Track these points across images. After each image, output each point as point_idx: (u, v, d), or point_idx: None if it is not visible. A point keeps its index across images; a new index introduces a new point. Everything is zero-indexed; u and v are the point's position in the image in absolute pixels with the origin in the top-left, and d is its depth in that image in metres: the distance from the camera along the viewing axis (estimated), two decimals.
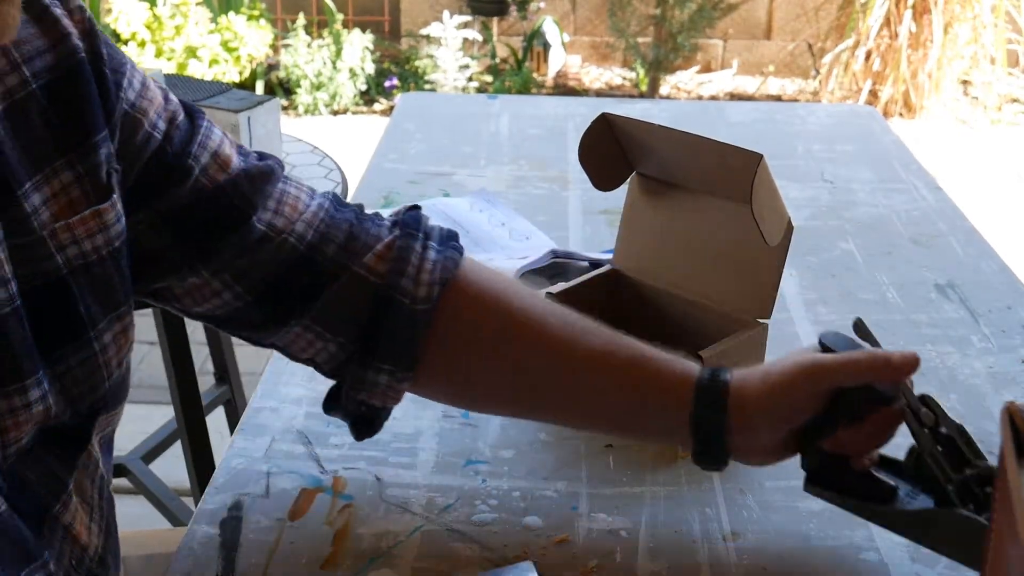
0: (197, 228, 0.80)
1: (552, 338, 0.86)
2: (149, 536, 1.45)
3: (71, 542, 0.75)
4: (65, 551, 0.74)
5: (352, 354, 0.85)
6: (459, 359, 0.87)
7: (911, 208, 1.52)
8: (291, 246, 0.82)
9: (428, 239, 0.87)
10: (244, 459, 0.95)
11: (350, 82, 4.69)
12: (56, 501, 0.74)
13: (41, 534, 0.72)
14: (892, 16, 4.71)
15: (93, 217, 0.73)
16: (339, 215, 0.85)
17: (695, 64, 5.20)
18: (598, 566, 0.84)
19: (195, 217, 0.80)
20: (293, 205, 0.83)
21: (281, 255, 0.82)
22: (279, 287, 0.83)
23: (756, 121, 1.89)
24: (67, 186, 0.71)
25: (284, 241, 0.82)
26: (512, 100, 2.10)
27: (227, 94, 1.81)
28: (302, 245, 0.83)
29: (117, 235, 0.75)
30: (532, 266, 1.25)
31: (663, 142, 1.01)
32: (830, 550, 0.86)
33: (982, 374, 1.11)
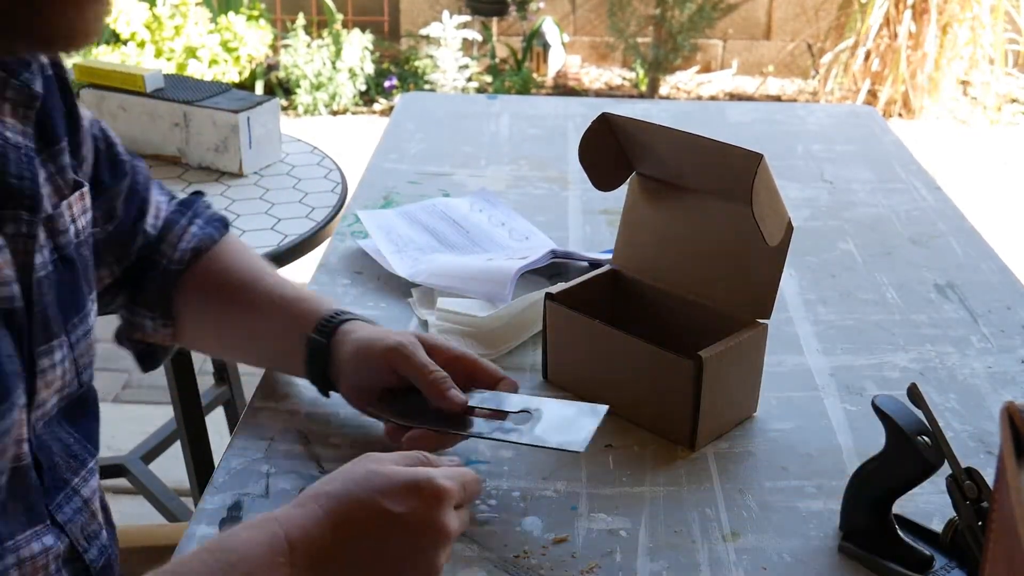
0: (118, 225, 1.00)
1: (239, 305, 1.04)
2: (149, 531, 1.45)
3: (89, 516, 0.84)
4: (78, 522, 0.82)
5: (127, 300, 1.04)
6: (202, 315, 1.05)
7: (911, 208, 1.52)
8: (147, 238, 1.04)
9: (195, 217, 1.07)
10: (244, 459, 0.95)
11: (350, 82, 4.69)
12: (75, 476, 0.83)
13: (59, 503, 0.81)
14: (891, 16, 4.71)
15: (80, 199, 0.86)
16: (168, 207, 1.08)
17: (695, 64, 5.20)
18: (598, 566, 0.84)
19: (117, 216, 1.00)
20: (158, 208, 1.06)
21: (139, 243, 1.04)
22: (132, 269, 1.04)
23: (756, 121, 1.89)
24: (49, 177, 0.83)
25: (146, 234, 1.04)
26: (512, 100, 2.10)
27: (227, 94, 1.81)
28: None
29: (90, 220, 0.88)
30: (532, 266, 1.25)
31: (663, 142, 1.01)
32: (830, 550, 0.87)
33: (982, 374, 1.11)
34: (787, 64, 5.23)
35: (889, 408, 0.82)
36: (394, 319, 1.19)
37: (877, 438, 0.83)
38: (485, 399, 0.93)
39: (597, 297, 1.08)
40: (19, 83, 0.78)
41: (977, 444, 1.00)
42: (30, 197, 0.77)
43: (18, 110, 0.79)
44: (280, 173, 1.85)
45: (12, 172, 0.76)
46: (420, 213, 1.42)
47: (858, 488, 0.86)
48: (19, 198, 0.76)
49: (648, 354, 0.97)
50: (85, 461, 0.86)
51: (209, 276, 1.04)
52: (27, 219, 0.76)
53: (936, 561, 0.83)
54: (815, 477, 0.95)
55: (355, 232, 1.38)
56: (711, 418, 0.98)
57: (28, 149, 0.78)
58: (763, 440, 1.00)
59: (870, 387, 1.08)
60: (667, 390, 0.97)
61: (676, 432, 0.98)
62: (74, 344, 0.83)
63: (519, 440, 0.90)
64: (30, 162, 0.78)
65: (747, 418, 1.03)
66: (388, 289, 1.25)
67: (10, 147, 0.77)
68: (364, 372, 0.95)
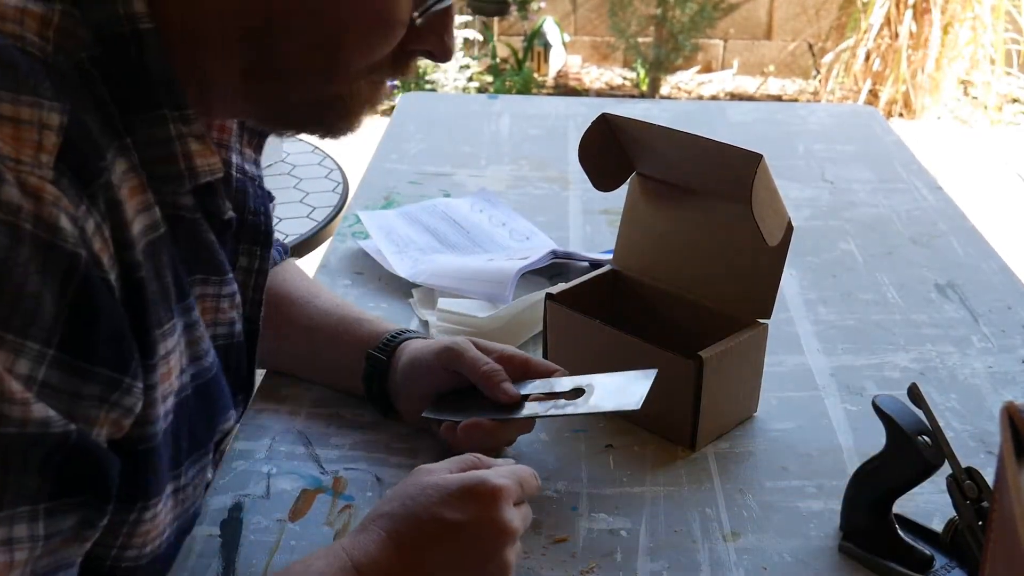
0: None
1: (297, 323, 1.04)
2: None
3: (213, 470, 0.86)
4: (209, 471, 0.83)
5: None
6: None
7: (911, 208, 1.52)
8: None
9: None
10: (244, 460, 0.95)
11: None
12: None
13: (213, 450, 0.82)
14: (892, 16, 4.70)
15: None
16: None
17: (695, 64, 5.20)
18: (598, 566, 0.84)
19: None
20: None
21: None
22: None
23: (756, 121, 1.89)
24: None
25: None
26: (512, 100, 2.10)
27: None
28: None
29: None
30: (532, 266, 1.25)
31: (663, 142, 1.01)
32: (830, 550, 0.87)
33: (982, 374, 1.11)
34: (788, 64, 5.23)
35: (889, 408, 0.82)
36: (395, 319, 1.19)
37: (877, 438, 0.83)
38: (536, 386, 0.94)
39: (597, 297, 1.08)
40: None
41: (977, 444, 1.00)
42: (265, 232, 0.80)
43: (253, 139, 0.82)
44: (281, 173, 1.85)
45: (251, 208, 0.79)
46: (420, 213, 1.42)
47: (858, 488, 0.86)
48: (256, 233, 0.80)
49: (648, 354, 0.97)
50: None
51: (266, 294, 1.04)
52: (259, 253, 0.80)
53: (936, 561, 0.83)
54: (815, 477, 0.95)
55: (356, 232, 1.38)
56: (711, 418, 0.98)
57: (261, 181, 0.81)
58: (763, 440, 1.00)
59: (870, 387, 1.08)
60: (667, 390, 0.97)
61: (676, 432, 0.98)
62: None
63: (576, 412, 0.91)
64: (263, 195, 0.81)
65: (747, 418, 1.03)
66: (389, 289, 1.25)
67: (248, 180, 0.80)
68: (418, 378, 0.96)
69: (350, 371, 1.01)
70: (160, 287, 0.66)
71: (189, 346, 0.71)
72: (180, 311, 0.69)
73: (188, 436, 0.72)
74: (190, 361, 0.71)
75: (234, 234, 0.78)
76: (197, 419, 0.73)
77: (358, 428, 1.00)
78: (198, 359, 0.72)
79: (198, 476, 0.76)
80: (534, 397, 0.94)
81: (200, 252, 0.73)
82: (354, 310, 1.06)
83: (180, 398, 0.70)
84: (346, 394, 1.04)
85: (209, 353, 0.73)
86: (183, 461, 0.73)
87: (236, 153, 0.79)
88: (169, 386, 0.68)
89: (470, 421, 0.91)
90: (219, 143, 0.77)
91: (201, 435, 0.75)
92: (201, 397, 0.73)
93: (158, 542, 0.72)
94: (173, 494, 0.72)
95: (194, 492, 0.76)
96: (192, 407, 0.72)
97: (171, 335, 0.68)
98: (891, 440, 0.82)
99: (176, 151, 0.67)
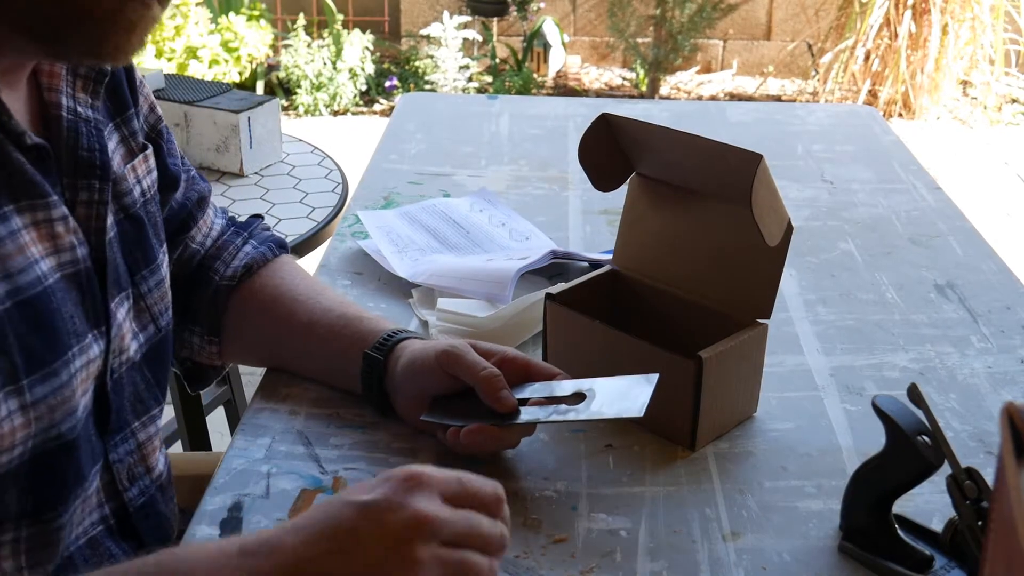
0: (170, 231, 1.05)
1: (297, 319, 1.06)
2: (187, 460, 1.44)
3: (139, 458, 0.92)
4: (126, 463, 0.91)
5: (177, 317, 1.05)
6: (254, 329, 1.08)
7: (911, 208, 1.52)
8: (193, 255, 1.09)
9: (250, 238, 1.12)
10: (244, 460, 0.95)
11: (350, 82, 4.69)
12: (137, 420, 0.92)
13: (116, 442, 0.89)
14: (892, 16, 4.71)
15: (144, 161, 0.95)
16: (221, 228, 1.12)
17: (695, 64, 5.20)
18: (598, 566, 0.84)
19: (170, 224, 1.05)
20: (210, 227, 1.11)
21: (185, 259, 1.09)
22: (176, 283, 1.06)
23: (756, 121, 1.89)
24: (120, 141, 0.93)
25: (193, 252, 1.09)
26: (512, 100, 2.10)
27: (227, 94, 1.81)
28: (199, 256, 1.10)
29: (155, 180, 0.98)
30: (532, 266, 1.25)
31: (663, 142, 1.02)
32: (830, 550, 0.87)
33: (981, 374, 1.11)
34: (787, 64, 5.23)
35: (889, 408, 0.82)
36: (394, 319, 1.19)
37: (877, 438, 0.83)
38: (536, 389, 0.94)
39: (597, 297, 1.08)
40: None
41: (977, 444, 1.00)
42: (100, 167, 0.85)
43: (88, 85, 0.88)
44: (281, 173, 1.85)
45: (84, 145, 0.85)
46: (420, 213, 1.42)
47: (858, 488, 0.86)
48: (91, 168, 0.85)
49: (648, 354, 0.97)
50: (150, 407, 0.94)
51: (262, 291, 1.07)
52: (99, 187, 0.85)
53: (936, 561, 0.83)
54: (815, 477, 0.95)
55: (356, 233, 1.38)
56: (711, 418, 0.98)
57: (97, 122, 0.88)
58: (763, 440, 1.00)
59: (870, 387, 1.08)
60: (667, 390, 0.97)
61: (676, 432, 0.98)
62: (146, 294, 0.93)
63: (577, 418, 0.90)
64: (99, 134, 0.87)
65: (747, 418, 1.03)
66: (388, 290, 1.25)
67: (82, 121, 0.86)
68: (417, 380, 0.96)
69: (348, 369, 1.01)
70: None
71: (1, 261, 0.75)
72: None
73: (21, 353, 0.75)
74: (3, 276, 0.75)
75: (68, 170, 0.84)
76: (30, 336, 0.76)
77: (358, 428, 1.00)
78: (10, 275, 0.75)
79: (53, 397, 0.77)
80: (534, 401, 0.94)
81: (14, 176, 0.77)
82: (354, 308, 1.07)
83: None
84: (346, 393, 1.04)
85: (31, 270, 0.77)
86: (22, 377, 0.75)
87: (67, 96, 0.86)
88: None
89: (473, 427, 0.91)
90: (48, 87, 0.84)
91: (41, 354, 0.77)
92: (26, 314, 0.76)
93: (4, 458, 0.74)
94: (21, 410, 0.75)
95: (52, 414, 0.78)
96: (16, 323, 0.75)
97: None
98: (891, 440, 0.82)
99: None
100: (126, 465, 0.91)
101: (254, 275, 1.09)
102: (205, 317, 1.07)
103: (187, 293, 1.07)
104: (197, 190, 1.09)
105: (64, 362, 0.79)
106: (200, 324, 1.08)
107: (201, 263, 1.09)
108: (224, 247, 1.10)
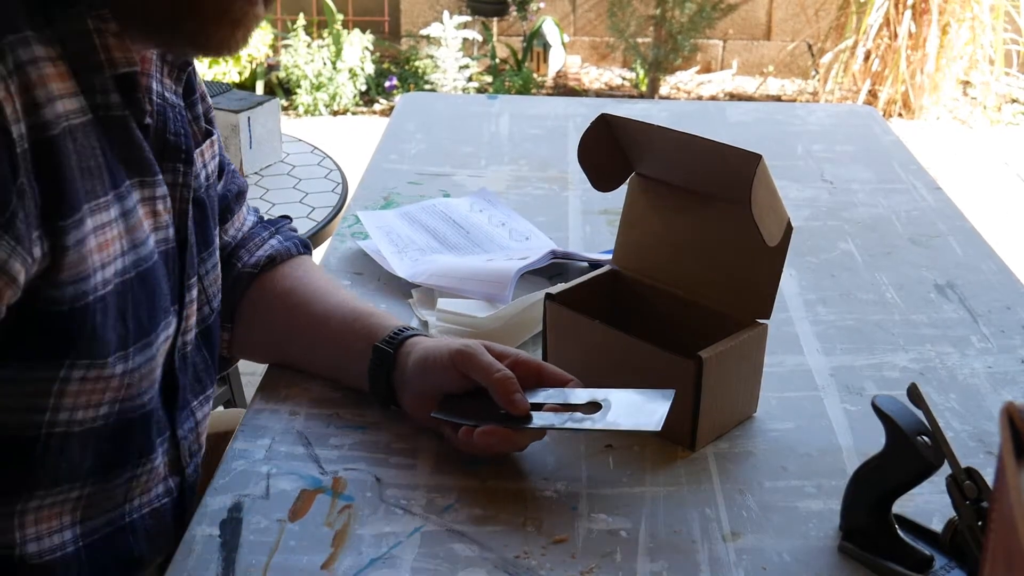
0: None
1: (312, 311, 1.07)
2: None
3: (195, 436, 0.96)
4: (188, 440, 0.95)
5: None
6: (265, 321, 1.09)
7: (910, 208, 1.52)
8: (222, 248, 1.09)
9: (276, 233, 1.14)
10: (244, 460, 0.95)
11: (350, 82, 4.69)
12: (195, 399, 0.97)
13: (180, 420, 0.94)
14: (891, 16, 4.71)
15: (210, 146, 0.99)
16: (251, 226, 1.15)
17: (695, 64, 5.20)
18: (598, 566, 0.84)
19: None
20: (242, 222, 1.13)
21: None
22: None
23: (756, 121, 1.89)
24: (189, 122, 0.94)
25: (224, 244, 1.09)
26: (512, 100, 2.10)
27: (227, 94, 1.81)
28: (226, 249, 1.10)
29: (216, 167, 1.01)
30: (532, 266, 1.25)
31: (663, 143, 1.02)
32: (830, 550, 0.87)
33: (981, 374, 1.11)
34: (787, 64, 5.23)
35: (889, 408, 0.82)
36: None
37: (877, 438, 0.83)
38: (551, 395, 0.94)
39: (597, 297, 1.08)
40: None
41: (977, 444, 1.00)
42: (186, 151, 0.89)
43: (174, 72, 0.92)
44: (280, 173, 1.85)
45: (171, 130, 0.89)
46: (420, 213, 1.42)
47: (858, 488, 0.86)
48: (177, 152, 0.89)
49: (648, 354, 0.97)
50: (206, 386, 0.99)
51: (281, 282, 1.09)
52: (183, 170, 0.89)
53: (936, 561, 0.83)
54: (815, 477, 0.95)
55: (355, 233, 1.38)
56: (711, 418, 0.98)
57: (181, 108, 0.91)
58: (763, 440, 1.00)
59: (870, 387, 1.08)
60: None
61: (676, 432, 0.98)
62: (203, 276, 0.96)
63: (593, 427, 0.91)
64: (183, 120, 0.91)
65: (747, 418, 1.03)
66: (388, 290, 1.25)
67: (169, 106, 0.90)
68: (429, 377, 0.96)
69: (355, 364, 1.01)
70: (87, 164, 0.77)
71: (128, 232, 0.81)
72: (115, 197, 0.80)
73: (134, 320, 0.81)
74: (130, 247, 0.81)
75: (158, 151, 0.87)
76: (142, 307, 0.83)
77: (358, 428, 1.00)
78: (136, 247, 0.82)
79: (144, 367, 0.85)
80: (548, 407, 0.94)
81: (132, 150, 0.82)
82: (367, 305, 1.08)
83: (124, 279, 0.81)
84: (346, 394, 1.04)
85: (147, 243, 0.83)
86: (130, 344, 0.82)
87: (156, 81, 0.89)
88: (108, 255, 0.79)
89: (487, 428, 0.92)
90: (140, 72, 0.84)
91: (146, 324, 0.84)
92: (143, 285, 0.83)
93: (91, 413, 0.81)
94: (120, 376, 0.82)
95: (139, 383, 0.85)
96: (136, 292, 0.81)
97: (105, 210, 0.79)
98: (891, 440, 0.82)
99: (95, 43, 0.78)
100: (188, 442, 0.96)
101: (276, 267, 1.10)
102: (223, 303, 1.08)
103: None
104: (237, 184, 1.11)
105: (156, 335, 0.85)
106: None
107: (229, 254, 1.11)
108: (250, 238, 1.12)
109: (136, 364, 0.83)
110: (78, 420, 0.82)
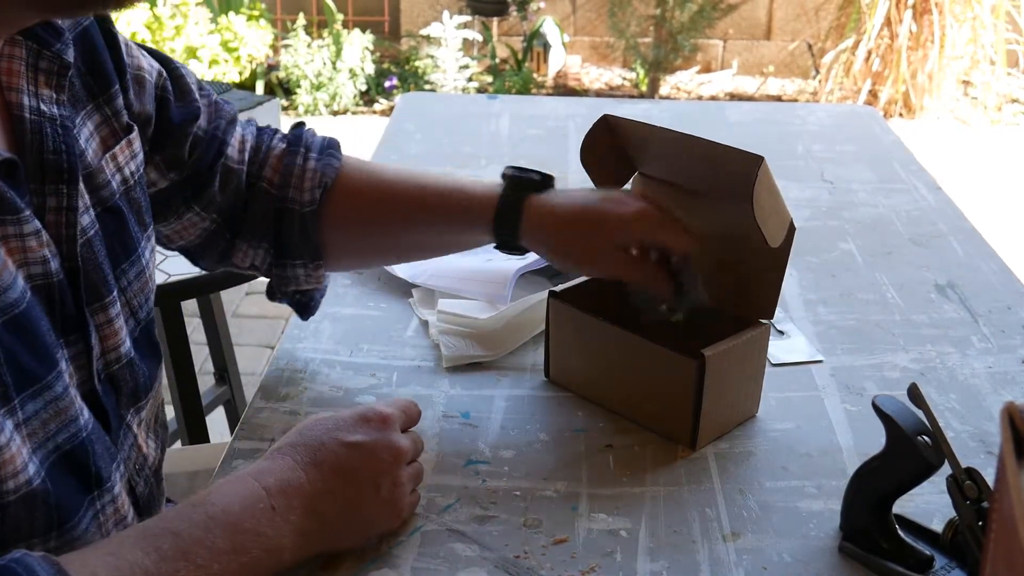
0: (193, 169, 1.02)
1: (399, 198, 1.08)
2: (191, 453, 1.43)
3: (137, 450, 0.90)
4: (132, 459, 0.89)
5: (274, 256, 1.08)
6: (349, 236, 1.09)
7: (911, 208, 1.52)
8: (238, 176, 1.06)
9: (309, 151, 1.08)
10: (244, 460, 0.95)
11: (350, 82, 4.70)
12: (127, 412, 0.89)
13: (120, 443, 0.87)
14: (892, 16, 4.71)
15: (127, 145, 0.91)
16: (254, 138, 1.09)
17: (695, 64, 5.20)
18: (598, 566, 0.84)
19: (191, 159, 1.02)
20: (243, 142, 1.07)
21: (233, 184, 1.05)
22: (232, 210, 1.06)
23: (756, 121, 1.89)
24: (99, 126, 0.88)
25: (238, 172, 1.05)
26: (512, 100, 2.10)
27: (227, 94, 1.81)
28: (243, 175, 1.06)
29: (141, 162, 0.93)
30: (531, 267, 1.25)
31: (664, 143, 1.01)
32: (830, 550, 0.87)
33: (982, 374, 1.11)
34: (787, 64, 5.23)
35: (889, 408, 0.82)
36: (394, 320, 1.19)
37: (877, 438, 0.83)
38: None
39: (600, 296, 1.08)
40: (51, 53, 0.81)
41: (977, 444, 1.00)
42: (68, 170, 0.81)
43: (51, 79, 0.82)
44: None
45: (49, 147, 0.80)
46: None
47: (858, 488, 0.86)
48: (57, 172, 0.80)
49: (651, 353, 0.97)
50: (139, 397, 0.91)
51: (350, 193, 1.07)
52: (66, 191, 0.81)
53: (936, 561, 0.83)
54: (815, 477, 0.95)
55: None
56: (712, 418, 0.98)
57: (63, 119, 0.82)
58: (763, 440, 1.00)
59: (870, 387, 1.08)
60: (669, 389, 0.97)
61: (677, 432, 0.98)
62: (125, 288, 0.88)
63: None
64: (66, 133, 0.82)
65: (748, 418, 1.03)
66: (388, 290, 1.25)
67: (46, 121, 0.81)
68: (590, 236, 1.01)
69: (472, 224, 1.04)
70: None
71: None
72: None
73: (12, 371, 0.73)
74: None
75: (33, 175, 0.79)
76: (21, 355, 0.74)
77: None
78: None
79: (49, 408, 0.76)
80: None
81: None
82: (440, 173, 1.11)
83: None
84: (345, 394, 1.04)
85: (14, 286, 0.74)
86: (14, 397, 0.73)
87: (28, 95, 0.80)
88: None
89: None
90: (8, 87, 0.79)
91: (31, 369, 0.75)
92: (15, 331, 0.74)
93: (22, 477, 0.73)
94: (16, 428, 0.73)
95: (45, 428, 0.76)
96: (7, 341, 0.73)
97: None
98: (891, 440, 0.82)
99: None
100: (132, 460, 0.90)
101: (333, 187, 1.07)
102: (302, 249, 1.06)
103: (276, 232, 1.07)
104: (223, 115, 1.06)
105: (58, 373, 0.77)
106: (301, 256, 1.07)
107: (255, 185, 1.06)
108: (287, 172, 1.06)
109: (33, 411, 0.75)
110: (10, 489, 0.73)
